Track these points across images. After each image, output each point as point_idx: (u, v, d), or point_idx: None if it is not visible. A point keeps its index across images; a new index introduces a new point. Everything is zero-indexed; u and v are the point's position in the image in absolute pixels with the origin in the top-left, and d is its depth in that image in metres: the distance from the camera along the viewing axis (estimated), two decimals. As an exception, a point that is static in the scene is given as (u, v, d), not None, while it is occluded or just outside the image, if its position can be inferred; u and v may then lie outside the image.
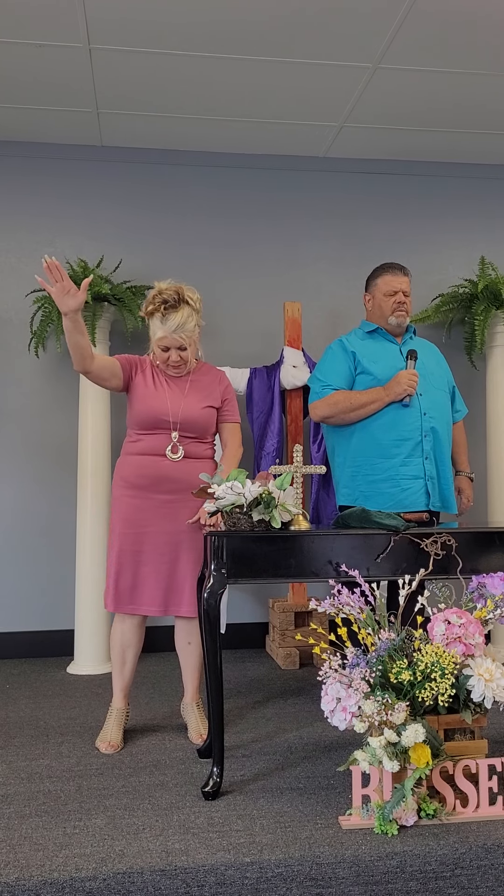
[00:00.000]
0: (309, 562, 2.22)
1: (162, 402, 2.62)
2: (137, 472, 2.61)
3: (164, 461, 2.61)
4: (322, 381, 3.02)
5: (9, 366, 3.93)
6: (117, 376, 2.64)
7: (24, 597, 3.88)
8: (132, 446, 2.66)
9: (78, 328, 2.44)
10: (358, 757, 2.00)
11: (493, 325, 3.86)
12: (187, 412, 2.63)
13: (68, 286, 2.37)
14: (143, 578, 2.60)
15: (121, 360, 2.66)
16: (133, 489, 2.62)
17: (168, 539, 2.60)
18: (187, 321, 2.57)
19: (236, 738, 2.66)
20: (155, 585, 2.60)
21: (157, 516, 2.60)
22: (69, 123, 3.81)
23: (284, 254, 4.17)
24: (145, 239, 4.06)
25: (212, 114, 3.73)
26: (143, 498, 2.61)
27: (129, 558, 2.60)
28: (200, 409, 2.66)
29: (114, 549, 2.63)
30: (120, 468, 2.67)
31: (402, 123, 3.86)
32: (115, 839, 1.92)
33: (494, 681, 2.02)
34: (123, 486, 2.64)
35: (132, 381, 2.67)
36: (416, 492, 2.91)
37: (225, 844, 1.88)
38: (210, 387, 2.73)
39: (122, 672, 2.67)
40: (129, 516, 2.61)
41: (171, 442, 2.61)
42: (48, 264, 2.34)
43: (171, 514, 2.60)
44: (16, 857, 1.83)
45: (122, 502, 2.64)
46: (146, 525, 2.60)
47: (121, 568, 2.60)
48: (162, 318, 2.57)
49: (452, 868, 1.82)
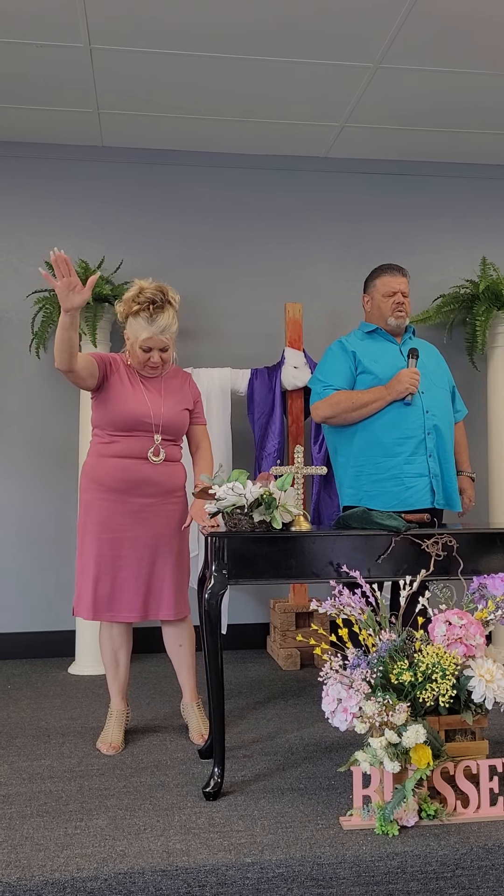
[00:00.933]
0: (310, 563, 2.22)
1: (142, 404, 2.57)
2: (117, 475, 2.54)
3: (145, 464, 2.55)
4: (323, 381, 3.02)
5: (9, 366, 3.94)
6: (94, 375, 2.54)
7: (25, 598, 3.88)
8: (107, 448, 2.57)
9: (74, 326, 2.37)
10: (359, 757, 2.00)
11: (494, 325, 3.86)
12: (168, 414, 2.59)
13: (74, 282, 2.29)
14: (122, 584, 2.55)
15: (95, 358, 2.57)
16: (109, 492, 2.54)
17: (146, 543, 2.56)
18: (172, 322, 2.54)
19: (237, 739, 2.66)
20: (134, 591, 2.55)
21: (136, 520, 2.55)
22: (70, 124, 3.82)
23: (285, 254, 4.17)
24: (146, 240, 4.06)
25: (213, 114, 3.74)
26: (120, 502, 2.54)
27: (108, 564, 2.54)
28: (179, 412, 2.63)
29: (90, 555, 2.55)
30: (93, 470, 2.58)
31: (403, 123, 3.86)
32: (117, 839, 1.92)
33: (495, 682, 2.02)
34: (98, 490, 2.56)
35: (107, 380, 2.58)
36: (421, 489, 2.91)
37: (226, 845, 1.88)
38: (182, 389, 2.69)
39: (117, 674, 2.66)
40: (106, 520, 2.54)
41: (153, 444, 2.57)
42: (56, 257, 2.25)
43: (149, 517, 2.56)
44: (17, 857, 1.83)
45: (95, 506, 2.56)
46: (125, 529, 2.54)
47: (99, 574, 2.54)
48: (149, 319, 2.50)
49: (453, 869, 1.82)
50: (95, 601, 2.54)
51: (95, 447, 2.62)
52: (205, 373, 3.77)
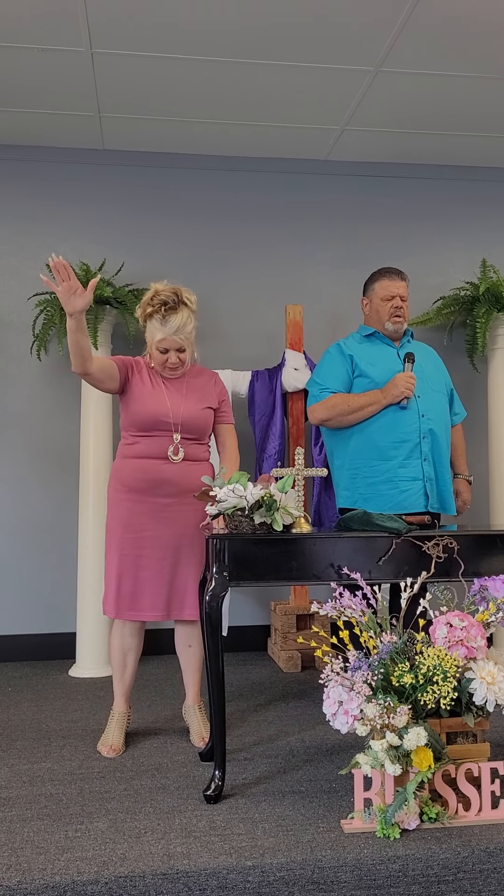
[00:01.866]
0: (311, 564, 2.22)
1: (162, 404, 2.61)
2: (137, 475, 2.58)
3: (165, 464, 2.59)
4: (320, 384, 3.02)
5: (10, 369, 3.94)
6: (114, 378, 2.60)
7: (26, 600, 3.88)
8: (130, 449, 2.63)
9: (81, 329, 2.41)
10: (360, 760, 2.00)
11: (494, 327, 3.86)
12: (188, 413, 2.62)
13: (75, 286, 2.33)
14: (144, 583, 2.58)
15: (117, 361, 2.63)
16: (132, 492, 2.59)
17: (168, 542, 2.59)
18: (187, 323, 2.56)
19: (238, 742, 2.66)
20: (156, 590, 2.58)
21: (157, 520, 2.58)
22: (71, 127, 3.82)
23: (286, 257, 4.17)
24: (147, 242, 4.07)
25: (213, 117, 3.74)
26: (143, 501, 2.58)
27: (130, 563, 2.58)
28: (200, 410, 2.65)
29: (114, 554, 2.60)
30: (117, 471, 2.64)
31: (403, 126, 3.86)
32: (117, 843, 1.92)
33: (496, 684, 2.01)
34: (122, 490, 2.61)
35: (129, 382, 2.64)
36: (415, 493, 2.91)
37: (227, 848, 1.88)
38: (206, 388, 2.72)
39: (123, 676, 2.67)
40: (129, 520, 2.59)
41: (172, 444, 2.59)
42: (55, 263, 2.31)
43: (171, 517, 2.59)
44: (17, 860, 1.83)
45: (120, 506, 2.61)
46: (146, 529, 2.58)
47: (122, 573, 2.58)
48: (162, 320, 2.55)
49: (455, 872, 1.82)
50: (118, 600, 2.58)
51: (121, 449, 2.68)
52: (205, 375, 3.77)
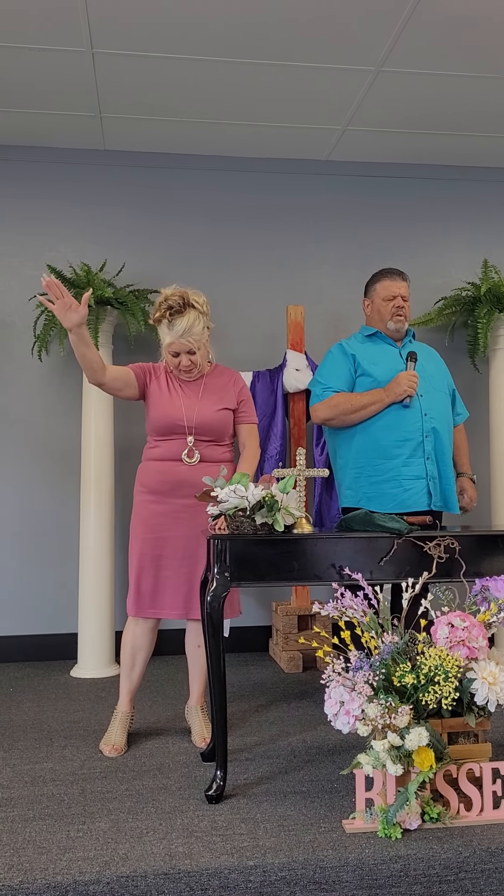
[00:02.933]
0: (312, 565, 2.22)
1: (176, 408, 2.64)
2: (156, 477, 2.65)
3: (180, 466, 2.63)
4: (322, 383, 3.03)
5: (12, 369, 3.94)
6: (132, 386, 2.67)
7: (27, 600, 3.88)
8: (151, 452, 2.70)
9: (83, 341, 2.48)
10: (361, 760, 2.00)
11: (495, 328, 3.86)
12: (202, 416, 2.65)
13: (69, 302, 2.40)
14: (164, 582, 2.62)
15: (134, 369, 2.69)
16: (152, 494, 2.65)
17: (187, 543, 2.63)
18: (194, 325, 2.58)
19: (240, 742, 2.66)
20: (176, 589, 2.62)
21: (177, 521, 2.63)
22: (72, 127, 3.83)
23: (287, 257, 4.17)
24: (148, 243, 4.07)
25: (214, 117, 3.74)
26: (163, 503, 2.64)
27: (150, 562, 2.63)
28: (215, 412, 2.67)
29: (136, 554, 2.66)
30: (140, 474, 2.72)
31: (404, 127, 3.86)
32: (119, 843, 1.92)
33: (498, 684, 2.01)
34: (143, 492, 2.68)
35: (147, 388, 2.70)
36: (419, 492, 2.92)
37: (228, 848, 1.88)
38: (225, 388, 2.74)
39: (131, 675, 2.68)
40: (149, 521, 2.65)
41: (186, 446, 2.63)
42: (47, 283, 2.37)
43: (190, 518, 2.63)
44: (19, 860, 1.83)
45: (142, 507, 2.68)
46: (166, 529, 2.63)
47: (142, 572, 2.63)
48: (169, 324, 2.59)
49: (456, 872, 1.82)
50: (139, 598, 2.63)
51: (144, 452, 2.75)
52: (207, 375, 3.77)
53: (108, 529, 3.65)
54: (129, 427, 3.91)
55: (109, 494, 3.67)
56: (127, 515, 3.51)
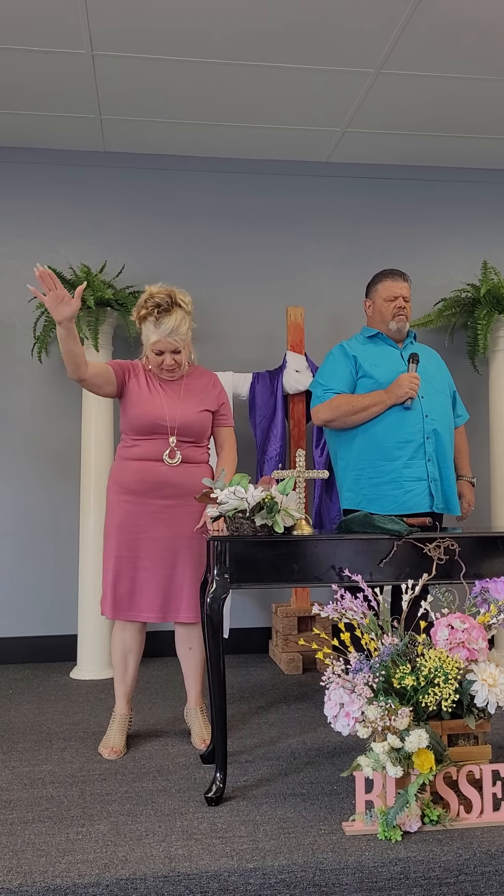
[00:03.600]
0: (312, 566, 2.22)
1: (158, 407, 2.61)
2: (135, 477, 2.60)
3: (161, 466, 2.59)
4: (324, 385, 3.02)
5: (12, 371, 3.94)
6: (111, 383, 2.62)
7: (27, 602, 3.88)
8: (129, 451, 2.64)
9: (71, 335, 2.42)
10: (361, 762, 1.99)
11: (495, 329, 3.86)
12: (185, 416, 2.62)
13: (62, 294, 2.35)
14: (142, 584, 2.59)
15: (113, 365, 2.64)
16: (130, 494, 2.60)
17: (166, 545, 2.59)
18: (181, 324, 2.56)
19: (239, 744, 2.66)
20: (153, 591, 2.58)
21: (155, 522, 2.59)
22: (72, 129, 3.83)
23: (287, 258, 4.17)
24: (148, 244, 4.07)
25: (214, 119, 3.74)
26: (141, 503, 2.59)
27: (127, 564, 2.59)
28: (197, 413, 2.65)
29: (111, 555, 2.61)
30: (116, 473, 2.66)
31: (404, 128, 3.86)
32: (118, 845, 1.92)
33: (498, 686, 2.01)
34: (120, 492, 2.62)
35: (126, 386, 2.65)
36: (420, 494, 2.91)
37: (228, 850, 1.88)
38: (205, 390, 2.72)
39: (125, 678, 2.67)
40: (126, 522, 2.60)
41: (168, 447, 2.60)
42: (40, 273, 2.32)
43: (169, 519, 2.59)
44: (19, 862, 1.83)
45: (118, 507, 2.62)
46: (143, 531, 2.59)
47: (119, 574, 2.58)
48: (156, 322, 2.55)
49: (456, 874, 1.82)
50: (115, 600, 2.59)
51: (120, 451, 2.69)
52: (206, 377, 3.77)
53: (108, 531, 3.64)
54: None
55: (109, 496, 3.66)
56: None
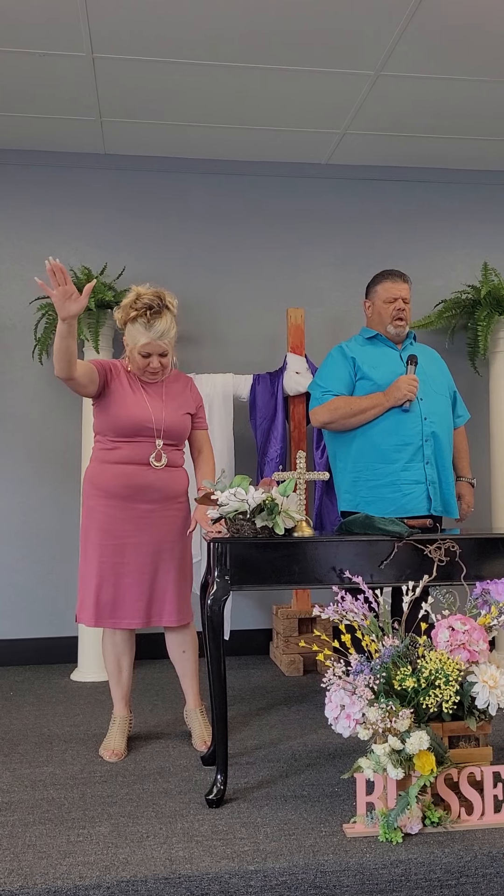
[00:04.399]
0: (312, 568, 2.22)
1: (144, 409, 2.57)
2: (119, 481, 2.54)
3: (147, 470, 2.55)
4: (322, 387, 3.02)
5: (12, 373, 3.94)
6: (94, 382, 2.54)
7: (27, 604, 3.88)
8: (109, 454, 2.57)
9: (72, 334, 2.37)
10: (362, 764, 1.99)
11: (496, 330, 3.87)
12: (170, 419, 2.59)
13: (71, 290, 2.29)
14: (125, 591, 2.55)
15: (95, 364, 2.57)
16: (112, 499, 2.54)
17: (149, 549, 2.56)
18: (171, 327, 2.54)
19: (240, 746, 2.65)
20: (137, 597, 2.55)
21: (138, 526, 2.55)
22: (72, 131, 3.83)
23: (287, 260, 4.18)
24: (148, 246, 4.08)
25: (214, 121, 3.75)
26: (123, 508, 2.54)
27: (110, 570, 2.54)
28: (181, 416, 2.63)
29: (92, 562, 2.55)
30: (95, 477, 2.58)
31: (403, 130, 3.87)
32: (119, 847, 1.92)
33: (499, 687, 2.01)
34: (100, 496, 2.56)
35: (107, 386, 2.58)
36: (418, 496, 2.91)
37: (229, 852, 1.87)
38: (183, 393, 2.70)
39: (120, 681, 2.66)
40: (109, 527, 2.54)
41: (155, 450, 2.56)
42: (52, 266, 2.26)
43: (153, 523, 2.56)
44: (20, 865, 1.83)
45: (98, 512, 2.56)
46: (127, 536, 2.54)
47: (102, 581, 2.54)
48: (147, 325, 2.51)
49: (457, 876, 1.81)
50: (98, 608, 2.54)
51: (97, 453, 2.62)
52: (207, 378, 3.77)
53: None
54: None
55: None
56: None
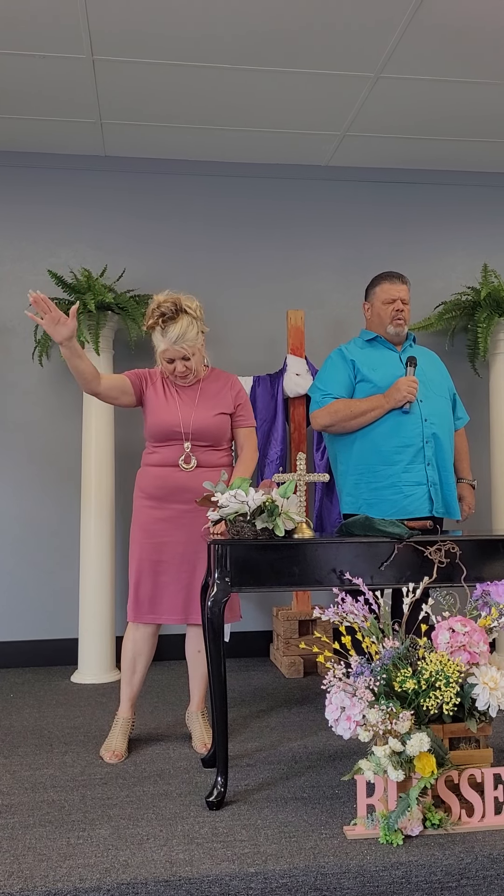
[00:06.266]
0: (313, 570, 2.22)
1: (172, 414, 2.65)
2: (154, 482, 2.66)
3: (177, 472, 2.64)
4: (322, 390, 3.02)
5: (12, 374, 3.95)
6: (128, 393, 2.68)
7: (28, 606, 3.88)
8: (149, 458, 2.71)
9: (76, 353, 2.50)
10: (362, 766, 1.99)
11: (495, 332, 3.87)
12: (199, 421, 2.65)
13: (57, 316, 2.41)
14: (163, 587, 2.63)
15: (130, 376, 2.70)
16: (151, 500, 2.66)
17: (186, 549, 2.63)
18: (188, 331, 2.58)
19: (240, 748, 2.65)
20: (174, 594, 2.63)
21: (175, 526, 2.64)
22: (72, 134, 3.84)
23: (287, 262, 4.18)
24: (148, 248, 4.08)
25: (214, 123, 3.75)
26: (161, 508, 2.65)
27: (149, 567, 2.63)
28: (212, 417, 2.67)
29: (134, 560, 2.67)
30: (139, 479, 2.73)
31: (403, 132, 3.87)
32: (119, 849, 1.91)
33: (499, 689, 2.01)
34: (143, 497, 2.69)
35: (144, 395, 2.71)
36: (420, 498, 2.91)
37: (229, 854, 1.87)
38: (221, 393, 2.74)
39: (132, 681, 2.67)
40: (148, 526, 2.66)
41: (183, 452, 2.64)
42: (34, 299, 2.38)
43: (189, 523, 2.63)
44: (19, 867, 1.83)
45: (141, 513, 2.69)
46: (164, 535, 2.64)
47: (140, 577, 2.64)
48: (162, 331, 2.59)
49: (458, 878, 1.81)
50: (137, 603, 2.64)
51: (143, 458, 2.76)
52: (207, 380, 3.78)
53: (109, 534, 3.65)
54: (129, 432, 3.91)
55: (110, 499, 3.67)
56: (127, 520, 3.52)
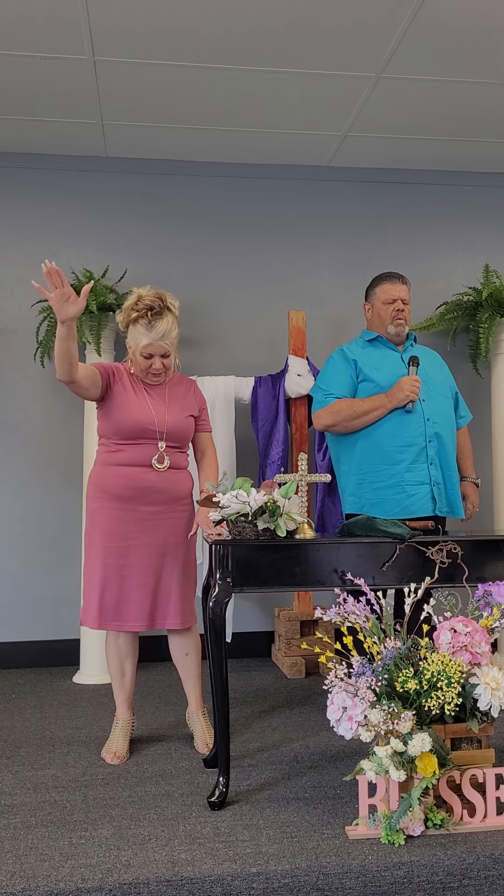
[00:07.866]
0: (314, 570, 2.22)
1: (146, 412, 2.57)
2: (122, 483, 2.55)
3: (150, 472, 2.56)
4: (324, 390, 3.02)
5: (14, 376, 3.95)
6: (97, 385, 2.55)
7: (29, 607, 3.88)
8: (113, 456, 2.58)
9: (72, 336, 2.37)
10: (364, 766, 1.99)
11: (497, 332, 3.87)
12: (173, 421, 2.60)
13: (68, 292, 2.29)
14: (128, 593, 2.55)
15: (98, 367, 2.57)
16: (115, 501, 2.55)
17: (153, 551, 2.56)
18: (172, 328, 2.55)
19: (242, 748, 2.65)
20: (141, 600, 2.55)
21: (141, 528, 2.55)
22: (73, 134, 3.84)
23: (289, 263, 4.18)
24: (150, 248, 4.08)
25: (215, 124, 3.76)
26: (126, 510, 2.54)
27: (114, 573, 2.54)
28: (184, 419, 2.64)
29: (96, 565, 2.55)
30: (99, 479, 2.59)
31: (405, 132, 3.87)
32: (121, 849, 1.91)
33: (501, 689, 2.01)
34: (104, 498, 2.56)
35: (110, 389, 2.59)
36: (423, 497, 2.91)
37: (231, 855, 1.87)
38: (186, 396, 2.70)
39: (123, 683, 2.66)
40: (113, 529, 2.55)
41: (157, 452, 2.57)
42: (48, 269, 2.25)
43: (156, 525, 2.56)
44: (21, 867, 1.83)
45: (102, 515, 2.56)
46: (130, 538, 2.55)
47: (105, 583, 2.54)
48: (148, 325, 2.51)
49: (460, 878, 1.81)
50: (102, 610, 2.55)
51: (101, 456, 2.63)
52: (209, 381, 3.78)
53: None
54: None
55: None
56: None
